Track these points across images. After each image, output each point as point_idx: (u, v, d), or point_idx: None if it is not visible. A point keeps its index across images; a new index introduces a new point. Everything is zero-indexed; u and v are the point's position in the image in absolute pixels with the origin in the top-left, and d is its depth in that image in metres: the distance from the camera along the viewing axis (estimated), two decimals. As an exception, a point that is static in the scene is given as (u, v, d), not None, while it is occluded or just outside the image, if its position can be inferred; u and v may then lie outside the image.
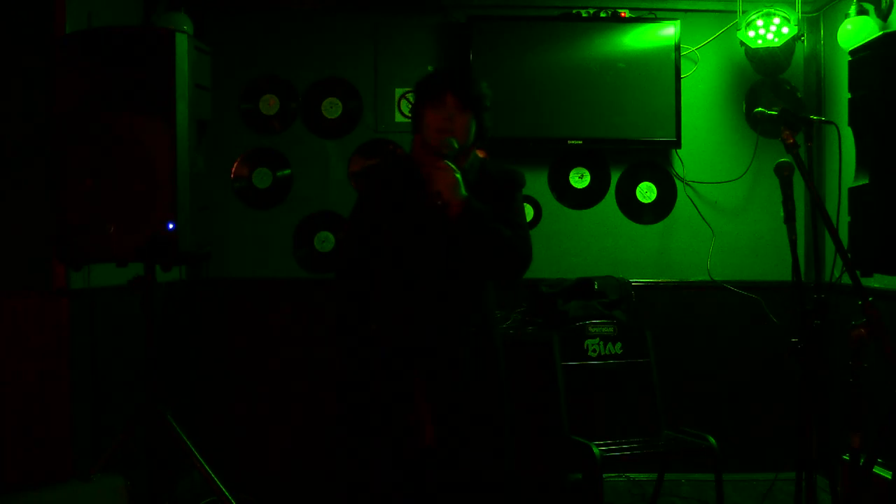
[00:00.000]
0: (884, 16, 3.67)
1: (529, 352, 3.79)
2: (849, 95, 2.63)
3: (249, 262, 4.34)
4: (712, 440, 3.43)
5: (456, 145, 2.44)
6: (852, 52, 2.63)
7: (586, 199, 4.40)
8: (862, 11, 3.71)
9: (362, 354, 2.59)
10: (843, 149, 2.75)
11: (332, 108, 4.36)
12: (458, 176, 2.38)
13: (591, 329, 3.85)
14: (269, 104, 4.35)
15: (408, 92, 4.29)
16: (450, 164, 2.39)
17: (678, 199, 4.39)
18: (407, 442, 2.47)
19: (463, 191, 2.37)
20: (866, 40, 2.58)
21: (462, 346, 2.48)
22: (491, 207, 2.44)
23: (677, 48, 4.23)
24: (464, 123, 2.48)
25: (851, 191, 2.60)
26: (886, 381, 2.43)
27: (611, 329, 3.88)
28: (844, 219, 2.65)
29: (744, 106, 4.39)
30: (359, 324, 2.60)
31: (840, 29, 3.77)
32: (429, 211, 2.40)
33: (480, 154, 2.66)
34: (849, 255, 2.50)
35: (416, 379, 2.47)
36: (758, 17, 4.14)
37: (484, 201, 2.44)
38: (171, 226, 2.61)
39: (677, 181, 4.39)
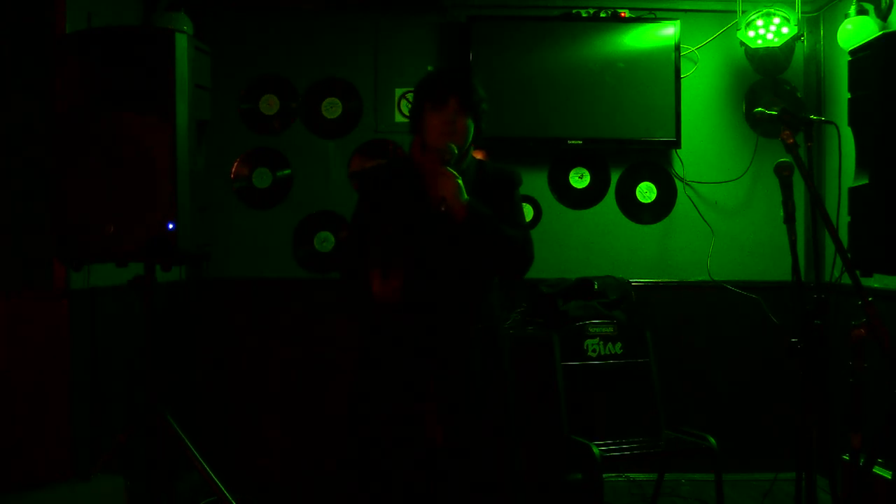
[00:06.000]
0: (884, 16, 3.67)
1: (529, 352, 3.79)
2: (849, 95, 2.64)
3: (249, 262, 4.34)
4: (712, 440, 3.43)
5: (456, 151, 2.43)
6: (852, 52, 2.63)
7: (586, 199, 4.40)
8: (862, 11, 3.71)
9: (374, 354, 2.58)
10: (843, 149, 2.75)
11: (332, 108, 4.36)
12: (460, 181, 2.38)
13: (591, 329, 3.85)
14: (269, 104, 4.35)
15: (408, 92, 4.29)
16: (451, 170, 2.39)
17: (678, 199, 4.39)
18: (416, 441, 2.46)
19: (465, 195, 2.37)
20: (866, 40, 2.58)
21: (469, 347, 2.47)
22: (491, 208, 2.45)
23: (677, 48, 4.23)
24: (464, 127, 2.47)
25: (851, 191, 2.60)
26: (886, 381, 2.43)
27: (611, 329, 3.87)
28: (844, 219, 2.65)
29: (744, 106, 4.39)
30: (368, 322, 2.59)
31: (840, 29, 3.77)
32: (432, 214, 2.39)
33: (479, 155, 2.66)
34: (849, 255, 2.50)
35: (425, 379, 2.46)
36: (758, 17, 4.14)
37: (482, 201, 2.45)
38: (171, 226, 2.61)
39: (677, 181, 4.39)
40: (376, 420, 2.51)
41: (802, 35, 4.28)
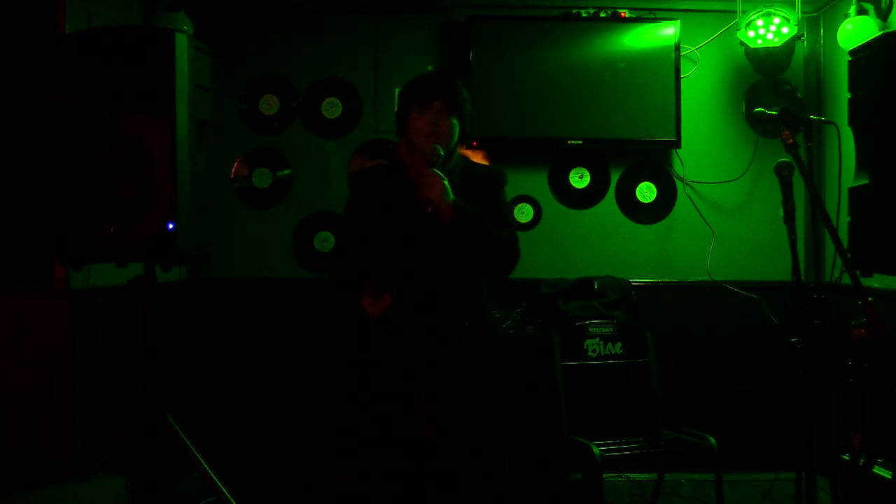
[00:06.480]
0: (884, 16, 3.68)
1: (529, 352, 3.79)
2: (849, 95, 2.64)
3: (249, 262, 4.34)
4: (712, 440, 3.43)
5: (442, 152, 2.48)
6: (852, 52, 2.63)
7: (586, 199, 4.40)
8: (862, 11, 3.71)
9: (367, 353, 2.60)
10: (843, 149, 2.75)
11: (332, 108, 4.36)
12: (446, 182, 2.43)
13: (591, 329, 3.85)
14: (269, 104, 4.35)
15: (408, 92, 4.29)
16: (437, 171, 2.44)
17: (678, 199, 4.39)
18: (409, 438, 2.49)
19: (451, 195, 2.42)
20: (866, 40, 2.58)
21: (456, 344, 2.51)
22: (478, 207, 2.50)
23: (677, 48, 4.23)
24: (449, 127, 2.53)
25: (851, 191, 2.60)
26: (886, 381, 2.43)
27: (611, 329, 3.87)
28: (844, 219, 2.65)
29: (744, 106, 4.39)
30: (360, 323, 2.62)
31: (840, 29, 3.77)
32: (419, 215, 2.44)
33: (478, 156, 2.69)
34: (849, 255, 2.50)
35: (416, 377, 2.49)
36: (758, 17, 4.14)
37: (469, 201, 2.49)
38: (171, 226, 2.61)
39: (677, 181, 4.39)
40: (371, 419, 2.54)
41: (802, 35, 4.28)
